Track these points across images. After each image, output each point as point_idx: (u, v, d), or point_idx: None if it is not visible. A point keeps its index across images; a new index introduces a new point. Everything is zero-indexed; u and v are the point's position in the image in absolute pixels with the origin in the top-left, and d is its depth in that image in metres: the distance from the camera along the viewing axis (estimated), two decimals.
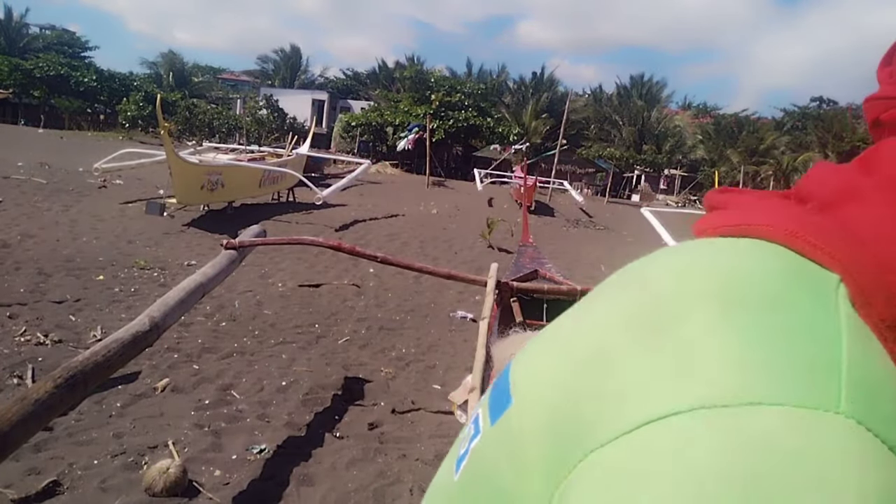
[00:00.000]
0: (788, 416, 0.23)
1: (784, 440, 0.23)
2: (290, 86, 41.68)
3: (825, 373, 0.25)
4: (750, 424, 0.23)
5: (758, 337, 0.26)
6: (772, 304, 0.28)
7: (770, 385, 0.24)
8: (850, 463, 0.22)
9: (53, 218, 8.16)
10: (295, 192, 12.82)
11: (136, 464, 2.82)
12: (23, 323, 4.34)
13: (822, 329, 0.27)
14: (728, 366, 0.25)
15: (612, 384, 0.27)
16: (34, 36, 42.13)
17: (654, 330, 0.29)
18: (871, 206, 0.32)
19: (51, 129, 29.41)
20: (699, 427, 0.23)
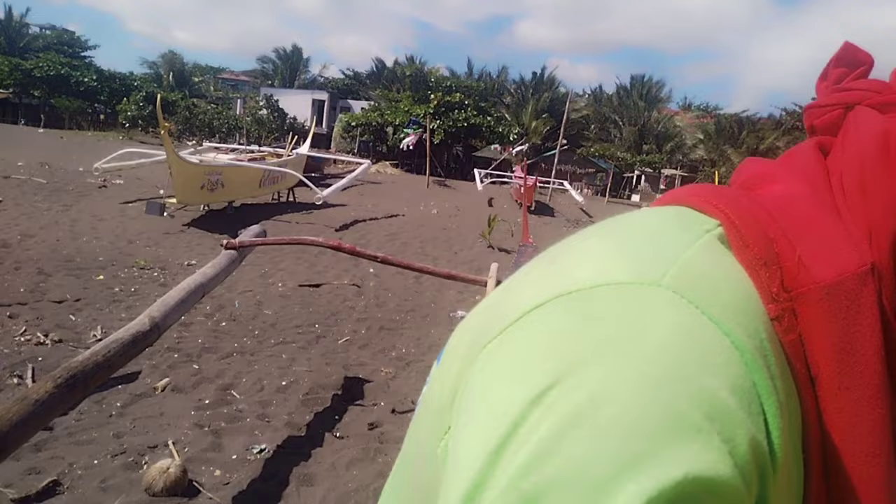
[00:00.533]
0: (619, 290, 0.31)
1: (614, 306, 0.30)
2: (290, 86, 41.67)
3: (661, 263, 0.32)
4: (591, 299, 0.30)
5: (619, 248, 0.34)
6: (644, 230, 0.36)
7: (614, 273, 0.31)
8: (658, 318, 0.29)
9: (53, 218, 8.17)
10: (295, 192, 12.82)
11: (136, 463, 2.82)
12: (23, 323, 4.34)
13: (676, 243, 0.34)
14: (587, 265, 0.33)
15: (508, 302, 0.34)
16: (34, 36, 42.13)
17: (550, 261, 0.37)
18: (775, 184, 0.39)
19: (51, 128, 29.42)
20: (556, 308, 0.31)
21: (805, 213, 0.36)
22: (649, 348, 0.28)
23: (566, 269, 0.34)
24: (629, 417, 0.25)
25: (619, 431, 0.25)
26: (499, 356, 0.31)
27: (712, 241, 0.35)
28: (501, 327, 0.32)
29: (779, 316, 0.33)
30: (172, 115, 30.22)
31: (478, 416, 0.29)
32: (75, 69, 34.90)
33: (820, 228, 0.35)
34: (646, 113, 37.56)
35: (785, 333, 0.33)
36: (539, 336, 0.30)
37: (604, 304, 0.30)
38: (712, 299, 0.30)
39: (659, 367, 0.27)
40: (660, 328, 0.28)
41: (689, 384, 0.27)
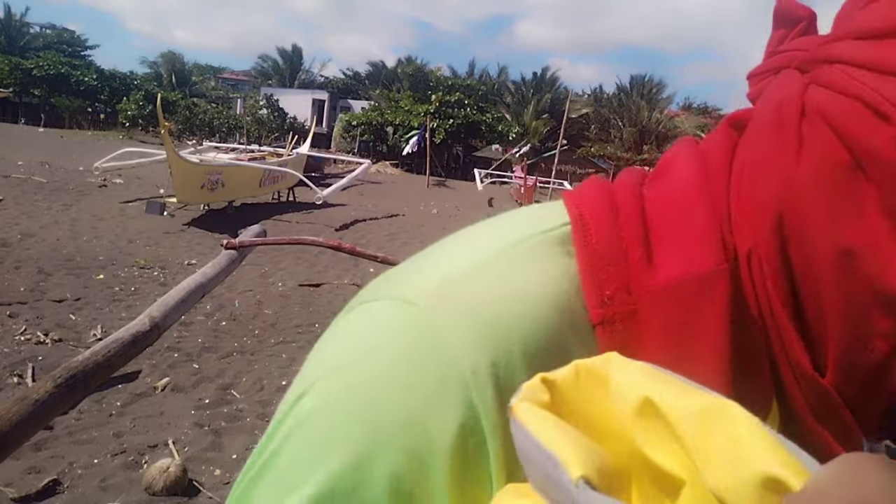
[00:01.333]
0: (373, 305, 0.33)
1: (357, 323, 0.33)
2: (291, 85, 41.66)
3: (436, 276, 0.32)
4: (369, 309, 0.33)
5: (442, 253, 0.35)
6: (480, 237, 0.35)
7: (394, 286, 0.34)
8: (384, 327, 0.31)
9: (53, 217, 8.17)
10: (295, 191, 12.82)
11: (137, 463, 2.82)
12: (23, 322, 4.35)
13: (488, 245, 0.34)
14: (395, 274, 0.36)
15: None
16: (34, 35, 42.12)
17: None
18: (671, 169, 0.36)
19: (51, 128, 29.42)
20: (349, 316, 0.35)
21: (676, 204, 0.33)
22: (361, 371, 0.30)
23: (388, 276, 0.37)
24: (317, 435, 0.29)
25: (308, 446, 0.29)
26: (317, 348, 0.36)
27: (540, 244, 0.33)
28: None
29: (605, 321, 0.31)
30: (172, 114, 30.21)
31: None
32: (75, 68, 34.88)
33: (685, 222, 0.32)
34: (646, 113, 37.56)
35: (609, 339, 0.30)
36: (322, 339, 0.35)
37: (355, 319, 0.34)
38: (467, 311, 0.30)
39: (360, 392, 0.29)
40: (380, 351, 0.30)
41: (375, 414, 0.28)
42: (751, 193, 0.32)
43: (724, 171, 0.34)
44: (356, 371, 0.30)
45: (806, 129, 0.30)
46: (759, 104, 0.35)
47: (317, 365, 0.33)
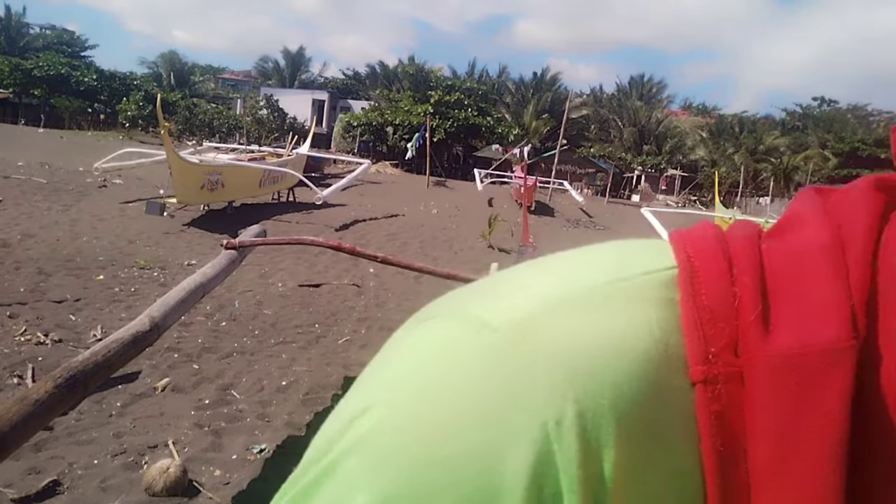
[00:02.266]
0: (447, 325, 0.29)
1: (431, 343, 0.28)
2: (291, 86, 41.66)
3: (522, 301, 0.29)
4: (442, 326, 0.29)
5: (509, 284, 0.31)
6: (570, 269, 0.31)
7: (461, 308, 0.30)
8: (463, 354, 0.27)
9: (53, 217, 8.17)
10: (295, 191, 12.82)
11: (136, 463, 2.82)
12: (23, 322, 4.34)
13: (581, 282, 0.30)
14: (462, 293, 0.31)
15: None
16: (34, 35, 42.12)
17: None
18: (799, 229, 0.31)
19: (51, 128, 29.42)
20: (407, 332, 0.30)
21: (803, 267, 0.29)
22: (430, 395, 0.27)
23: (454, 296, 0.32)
24: (378, 455, 0.26)
25: (368, 466, 0.26)
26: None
27: (642, 286, 0.29)
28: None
29: (707, 379, 0.27)
30: (172, 114, 30.22)
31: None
32: (75, 69, 34.89)
33: (810, 288, 0.28)
34: (645, 113, 37.57)
35: (709, 402, 0.27)
36: (383, 352, 0.31)
37: (424, 335, 0.30)
38: (557, 355, 0.26)
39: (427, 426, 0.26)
40: (453, 375, 0.27)
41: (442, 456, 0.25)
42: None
43: (863, 242, 0.29)
44: (424, 394, 0.27)
45: None
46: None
47: (380, 381, 0.29)
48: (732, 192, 30.96)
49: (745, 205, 28.98)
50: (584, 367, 0.26)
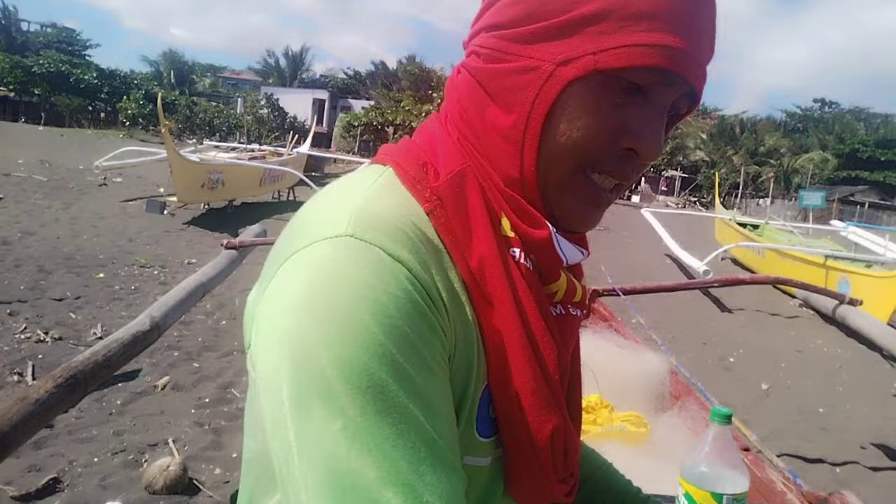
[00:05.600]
0: (322, 245, 0.46)
1: (318, 258, 0.46)
2: (291, 85, 41.65)
3: (346, 216, 0.48)
4: (307, 254, 0.47)
5: (326, 210, 0.52)
6: (341, 190, 0.55)
7: (319, 232, 0.48)
8: (337, 257, 0.45)
9: (54, 215, 8.17)
10: (295, 191, 12.83)
11: (137, 461, 2.82)
12: (23, 320, 4.35)
13: (357, 194, 0.52)
14: (307, 226, 0.50)
15: (266, 268, 0.52)
16: (35, 34, 42.09)
17: (297, 218, 0.55)
18: (428, 134, 0.61)
19: (51, 126, 29.42)
20: (293, 262, 0.47)
21: (432, 144, 0.58)
22: (340, 293, 0.44)
23: (295, 233, 0.50)
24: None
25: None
26: (269, 299, 0.48)
27: (385, 180, 0.55)
28: (263, 287, 0.50)
29: (431, 210, 0.52)
30: (173, 113, 30.20)
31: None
32: (76, 67, 34.87)
33: (442, 151, 0.56)
34: None
35: (438, 222, 0.52)
36: (278, 293, 0.47)
37: (314, 258, 0.46)
38: (379, 228, 0.47)
39: (345, 306, 0.43)
40: (350, 272, 0.45)
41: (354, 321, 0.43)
42: (464, 127, 0.58)
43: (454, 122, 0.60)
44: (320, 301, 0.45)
45: (462, 77, 0.60)
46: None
47: (286, 296, 0.46)
48: (732, 193, 30.94)
49: (745, 206, 28.95)
50: (395, 227, 0.49)
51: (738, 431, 1.76)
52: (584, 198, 0.55)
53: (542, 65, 0.51)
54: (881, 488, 3.37)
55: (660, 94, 0.52)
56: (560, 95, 0.51)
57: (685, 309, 7.03)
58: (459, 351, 0.50)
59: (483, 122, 0.55)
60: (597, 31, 0.49)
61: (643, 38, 0.48)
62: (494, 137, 0.54)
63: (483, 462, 0.54)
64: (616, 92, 0.50)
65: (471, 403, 0.51)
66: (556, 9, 0.50)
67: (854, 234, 9.84)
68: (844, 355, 5.88)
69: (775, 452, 2.62)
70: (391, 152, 0.58)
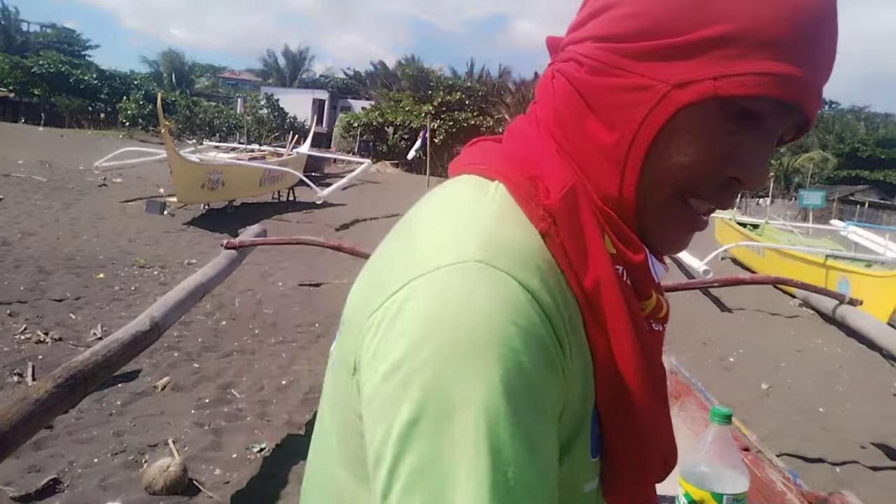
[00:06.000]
0: (451, 272, 0.44)
1: (447, 287, 0.44)
2: (291, 85, 41.65)
3: (469, 240, 0.46)
4: (435, 281, 0.44)
5: (447, 231, 0.49)
6: (456, 208, 0.52)
7: (441, 255, 0.46)
8: (468, 286, 0.44)
9: (54, 216, 8.17)
10: (295, 191, 12.82)
11: (137, 462, 2.82)
12: (23, 321, 4.35)
13: (480, 214, 0.50)
14: (425, 244, 0.48)
15: (382, 276, 0.49)
16: (35, 34, 42.09)
17: (400, 234, 0.55)
18: (529, 144, 0.57)
19: (51, 127, 29.40)
20: (420, 288, 0.45)
21: (537, 156, 0.54)
22: (467, 323, 0.42)
23: (411, 252, 0.49)
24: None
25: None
26: (386, 324, 0.45)
27: (500, 198, 0.52)
28: (380, 302, 0.46)
29: (546, 231, 0.50)
30: (173, 113, 30.18)
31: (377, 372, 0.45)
32: (76, 67, 34.86)
33: (549, 165, 0.53)
34: None
35: (552, 242, 0.50)
36: (400, 316, 0.44)
37: (440, 286, 0.44)
38: (509, 256, 0.46)
39: (472, 336, 0.42)
40: (479, 302, 0.43)
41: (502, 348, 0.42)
42: (566, 138, 0.56)
43: (551, 132, 0.57)
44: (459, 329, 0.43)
45: (557, 83, 0.57)
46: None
47: (413, 325, 0.44)
48: None
49: (745, 205, 28.94)
50: (527, 259, 0.48)
51: (738, 431, 1.76)
52: (680, 222, 0.54)
53: (655, 85, 0.49)
54: (881, 488, 3.37)
55: (773, 123, 0.50)
56: (671, 118, 0.49)
57: (685, 309, 7.02)
58: (576, 379, 0.48)
59: (581, 135, 0.53)
60: (721, 56, 0.47)
61: (769, 66, 0.47)
62: (593, 152, 0.53)
63: (593, 486, 0.54)
64: (730, 119, 0.49)
65: (587, 426, 0.51)
66: (680, 28, 0.48)
67: (854, 233, 9.85)
68: (844, 355, 5.88)
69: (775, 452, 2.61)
70: (495, 163, 0.55)
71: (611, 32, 0.51)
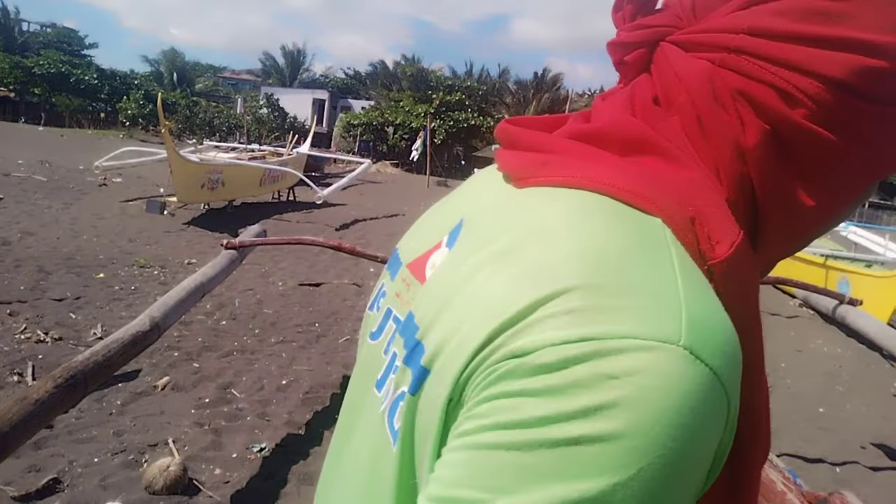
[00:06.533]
0: (649, 347, 0.34)
1: (644, 365, 0.33)
2: (291, 85, 41.65)
3: (667, 315, 0.35)
4: (620, 358, 0.33)
5: (623, 275, 0.37)
6: (627, 248, 0.39)
7: (641, 324, 0.34)
8: (679, 380, 0.33)
9: (54, 216, 8.17)
10: (295, 191, 12.82)
11: (137, 462, 2.82)
12: (23, 320, 4.35)
13: (666, 273, 0.37)
14: (609, 299, 0.35)
15: (510, 311, 0.36)
16: (35, 34, 42.09)
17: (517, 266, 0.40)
18: (671, 164, 0.43)
19: (51, 126, 29.40)
20: (599, 365, 0.33)
21: (701, 194, 0.42)
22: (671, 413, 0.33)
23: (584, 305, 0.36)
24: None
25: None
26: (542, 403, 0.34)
27: (677, 252, 0.39)
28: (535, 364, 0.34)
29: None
30: (173, 113, 30.16)
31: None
32: (76, 67, 34.84)
33: (714, 206, 0.41)
34: None
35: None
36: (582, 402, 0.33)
37: (653, 371, 0.33)
38: (712, 345, 0.35)
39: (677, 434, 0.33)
40: (678, 392, 0.33)
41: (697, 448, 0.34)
42: (710, 155, 0.43)
43: (692, 149, 0.44)
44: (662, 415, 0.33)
45: (740, 108, 0.42)
46: (673, 82, 0.44)
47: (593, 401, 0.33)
48: None
49: None
50: (731, 358, 0.37)
51: None
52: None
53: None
54: (881, 488, 3.37)
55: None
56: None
57: None
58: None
59: (769, 182, 0.44)
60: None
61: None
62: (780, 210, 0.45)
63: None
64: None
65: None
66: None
67: (854, 233, 9.84)
68: (844, 355, 5.88)
69: (775, 452, 2.62)
70: (642, 188, 0.41)
71: (848, 79, 0.40)
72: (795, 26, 0.40)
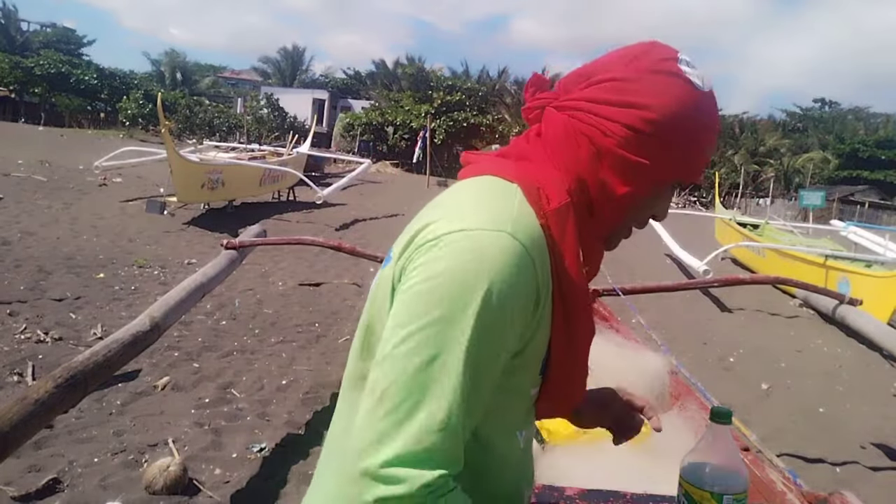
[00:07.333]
0: (484, 232, 0.70)
1: (480, 242, 0.69)
2: (291, 85, 41.62)
3: (504, 218, 0.72)
4: (471, 236, 0.70)
5: (482, 205, 0.74)
6: (489, 196, 0.76)
7: (483, 222, 0.71)
8: (499, 251, 0.69)
9: (54, 216, 8.17)
10: (295, 191, 12.83)
11: (137, 462, 2.82)
12: (23, 320, 4.35)
13: (509, 205, 0.74)
14: (470, 214, 0.72)
15: (432, 227, 0.73)
16: (34, 33, 42.06)
17: (445, 206, 0.77)
18: (536, 165, 0.80)
19: (51, 126, 29.40)
20: (456, 238, 0.70)
21: (542, 173, 0.79)
22: (492, 262, 0.68)
23: (459, 217, 0.72)
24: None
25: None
26: (431, 252, 0.70)
27: (520, 197, 0.75)
28: (431, 238, 0.71)
29: (543, 226, 0.74)
30: (173, 113, 30.14)
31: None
32: (76, 67, 34.82)
33: (551, 181, 0.78)
34: None
35: (546, 233, 0.74)
36: (447, 248, 0.69)
37: (475, 241, 0.69)
38: (525, 236, 0.71)
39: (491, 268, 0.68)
40: (504, 256, 0.69)
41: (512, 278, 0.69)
42: (564, 170, 0.79)
43: (547, 160, 0.81)
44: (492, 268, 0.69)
45: (579, 139, 0.79)
46: (547, 127, 0.82)
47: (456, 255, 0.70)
48: (732, 193, 30.94)
49: (745, 206, 28.96)
50: (535, 237, 0.73)
51: (738, 431, 1.76)
52: (627, 236, 0.88)
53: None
54: (881, 488, 3.37)
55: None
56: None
57: (685, 309, 7.03)
58: (545, 320, 0.75)
59: (594, 176, 0.80)
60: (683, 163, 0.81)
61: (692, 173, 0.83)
62: (602, 193, 0.80)
63: (535, 391, 0.82)
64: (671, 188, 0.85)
65: (543, 352, 0.77)
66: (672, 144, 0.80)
67: (854, 233, 9.84)
68: (844, 355, 5.88)
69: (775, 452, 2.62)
70: (512, 173, 0.79)
71: (634, 123, 0.76)
72: (607, 95, 0.77)
